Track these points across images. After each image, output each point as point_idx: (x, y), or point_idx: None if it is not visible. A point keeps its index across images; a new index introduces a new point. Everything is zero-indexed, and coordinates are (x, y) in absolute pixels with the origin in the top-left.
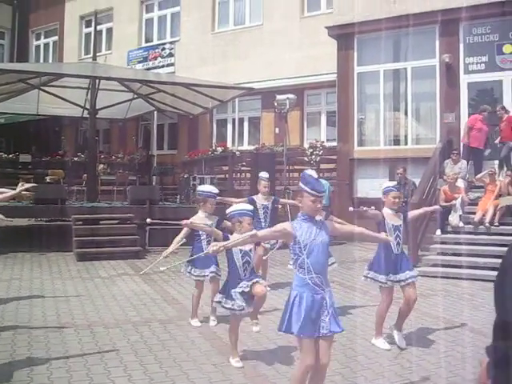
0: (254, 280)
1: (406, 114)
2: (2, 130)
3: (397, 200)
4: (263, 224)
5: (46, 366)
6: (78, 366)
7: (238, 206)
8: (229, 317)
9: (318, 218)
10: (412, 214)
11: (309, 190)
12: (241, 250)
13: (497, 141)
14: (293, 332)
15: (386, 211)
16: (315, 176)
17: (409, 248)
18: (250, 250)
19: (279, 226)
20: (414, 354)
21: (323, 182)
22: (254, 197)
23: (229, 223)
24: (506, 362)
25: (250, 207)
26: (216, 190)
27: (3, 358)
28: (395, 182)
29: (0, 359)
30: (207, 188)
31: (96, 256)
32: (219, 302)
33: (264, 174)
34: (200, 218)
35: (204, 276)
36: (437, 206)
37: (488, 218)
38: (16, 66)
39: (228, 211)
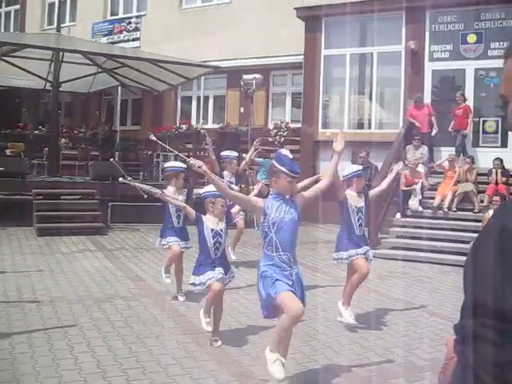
0: (215, 277)
1: (370, 98)
2: None
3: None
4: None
5: (8, 341)
6: (41, 342)
7: (211, 187)
8: (194, 294)
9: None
10: (373, 191)
11: (286, 170)
12: (212, 230)
13: (450, 128)
14: (274, 296)
15: (350, 193)
16: (290, 156)
17: (369, 230)
18: (221, 230)
19: (253, 198)
20: (373, 333)
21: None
22: (224, 173)
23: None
24: (473, 338)
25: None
26: (184, 165)
27: None
28: (361, 167)
29: None
30: (176, 164)
31: (57, 231)
32: (193, 284)
33: (233, 153)
34: (170, 193)
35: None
36: (399, 167)
37: (446, 204)
38: None
39: (202, 191)
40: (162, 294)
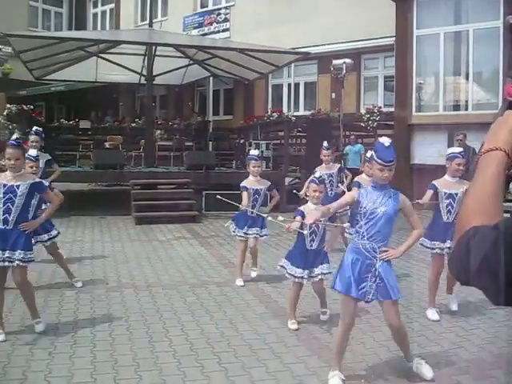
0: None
1: (466, 78)
2: (62, 97)
3: (461, 168)
4: (329, 192)
5: (107, 323)
6: (138, 325)
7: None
8: (282, 280)
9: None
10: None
11: (375, 158)
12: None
13: None
14: (336, 289)
15: (445, 178)
16: (386, 144)
17: None
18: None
19: (348, 196)
20: (470, 322)
21: (357, 146)
22: (318, 169)
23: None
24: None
25: (317, 175)
26: (256, 152)
27: (68, 316)
28: (461, 149)
29: (65, 316)
30: (250, 152)
31: (154, 220)
32: (283, 267)
33: (324, 144)
34: (250, 182)
35: (247, 235)
36: None
37: None
38: (75, 34)
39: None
40: (255, 280)
